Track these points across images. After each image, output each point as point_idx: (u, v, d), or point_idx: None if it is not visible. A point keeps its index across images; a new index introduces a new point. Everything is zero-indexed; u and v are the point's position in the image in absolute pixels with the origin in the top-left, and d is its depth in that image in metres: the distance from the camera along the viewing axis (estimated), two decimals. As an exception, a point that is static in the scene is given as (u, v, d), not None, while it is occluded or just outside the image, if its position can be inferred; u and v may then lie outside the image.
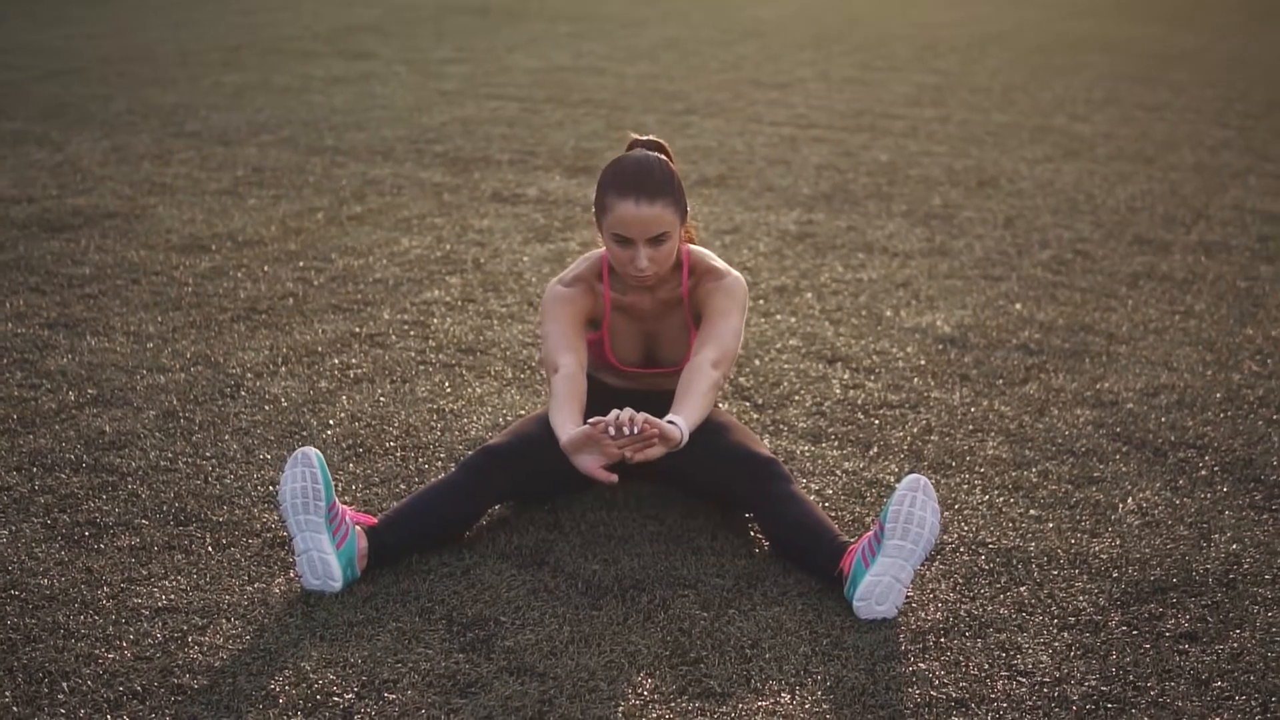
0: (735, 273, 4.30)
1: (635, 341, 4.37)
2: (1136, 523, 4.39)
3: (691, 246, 4.35)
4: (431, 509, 4.02)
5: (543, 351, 4.20)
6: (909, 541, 3.72)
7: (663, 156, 4.20)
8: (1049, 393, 5.44)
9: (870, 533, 3.84)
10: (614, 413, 3.79)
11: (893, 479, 4.64)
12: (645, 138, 4.31)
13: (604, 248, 4.30)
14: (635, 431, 3.75)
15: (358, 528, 3.89)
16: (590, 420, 3.80)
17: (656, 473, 4.41)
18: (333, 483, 3.98)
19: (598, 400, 4.35)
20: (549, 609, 3.76)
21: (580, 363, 4.13)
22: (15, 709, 3.24)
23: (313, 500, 3.77)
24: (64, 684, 3.34)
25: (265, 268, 6.73)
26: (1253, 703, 3.45)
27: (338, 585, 3.79)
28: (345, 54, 13.78)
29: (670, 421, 3.88)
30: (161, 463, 4.58)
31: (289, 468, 3.82)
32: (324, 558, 3.77)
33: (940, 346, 5.93)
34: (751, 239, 7.59)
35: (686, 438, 3.89)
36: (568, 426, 3.90)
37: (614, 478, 3.81)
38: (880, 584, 3.71)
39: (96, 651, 3.49)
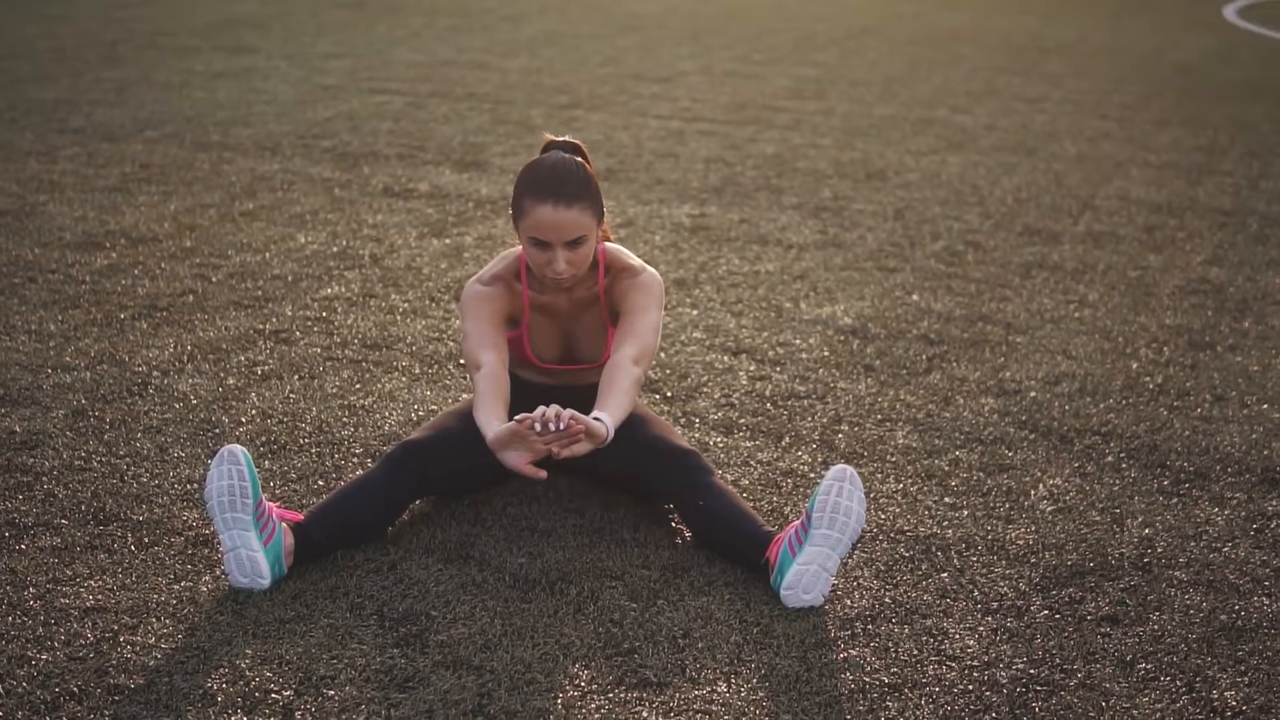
0: (651, 269, 4.33)
1: (553, 339, 4.38)
2: (1049, 509, 4.47)
3: (607, 244, 4.36)
4: (355, 505, 4.02)
5: (464, 350, 4.20)
6: (836, 531, 3.77)
7: (579, 159, 4.20)
8: (952, 382, 5.52)
9: (797, 522, 3.89)
10: (540, 409, 3.79)
11: (807, 469, 4.70)
12: (561, 139, 4.30)
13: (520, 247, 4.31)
14: (561, 428, 3.76)
15: (284, 524, 3.87)
16: (516, 417, 3.80)
17: (576, 466, 4.43)
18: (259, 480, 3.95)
19: (519, 397, 4.35)
20: (479, 602, 3.77)
21: (502, 360, 4.13)
22: (-52, 714, 3.20)
23: (240, 498, 3.75)
24: (-4, 687, 3.30)
25: (162, 265, 6.66)
26: (1178, 683, 3.54)
27: (266, 582, 3.78)
28: (225, 49, 13.64)
29: (596, 418, 3.89)
30: (75, 462, 4.53)
31: (215, 465, 3.79)
32: (252, 555, 3.75)
33: (842, 338, 6.00)
34: (646, 232, 7.62)
35: (612, 433, 3.91)
36: (493, 423, 3.90)
37: (542, 474, 3.83)
38: (807, 573, 3.76)
39: (28, 653, 3.45)
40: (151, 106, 10.58)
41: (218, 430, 4.82)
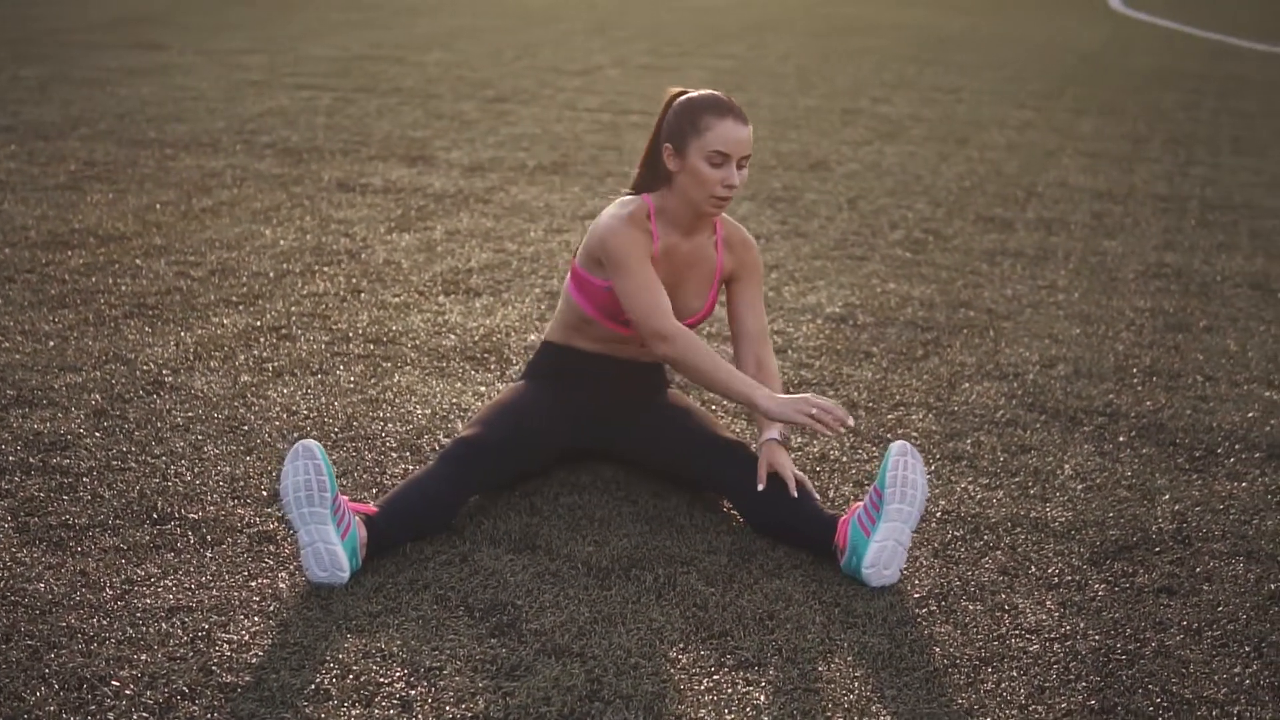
0: (751, 238, 4.48)
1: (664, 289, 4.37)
2: (1080, 487, 4.59)
3: None
4: (422, 501, 4.04)
5: (637, 308, 4.16)
6: (906, 504, 3.87)
7: None
8: (953, 367, 5.64)
9: (861, 503, 3.97)
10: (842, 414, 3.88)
11: (838, 454, 4.78)
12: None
13: (626, 195, 4.34)
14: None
15: (357, 518, 3.89)
16: (812, 414, 3.87)
17: (623, 457, 4.51)
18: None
19: (571, 367, 4.42)
20: (561, 591, 3.81)
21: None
22: (64, 716, 3.18)
23: (317, 492, 3.76)
24: (105, 689, 3.29)
25: (138, 262, 6.61)
26: (1246, 648, 3.67)
27: (345, 576, 3.79)
28: (135, 45, 13.49)
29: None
30: (113, 462, 4.50)
31: (290, 461, 3.80)
32: (331, 549, 3.76)
33: (834, 325, 6.10)
34: (611, 224, 7.66)
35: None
36: (756, 391, 4.01)
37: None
38: (886, 549, 3.85)
39: (125, 654, 3.43)
40: (79, 104, 10.45)
41: (246, 427, 4.81)
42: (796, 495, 4.07)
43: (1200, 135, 10.87)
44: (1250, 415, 5.24)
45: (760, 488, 4.09)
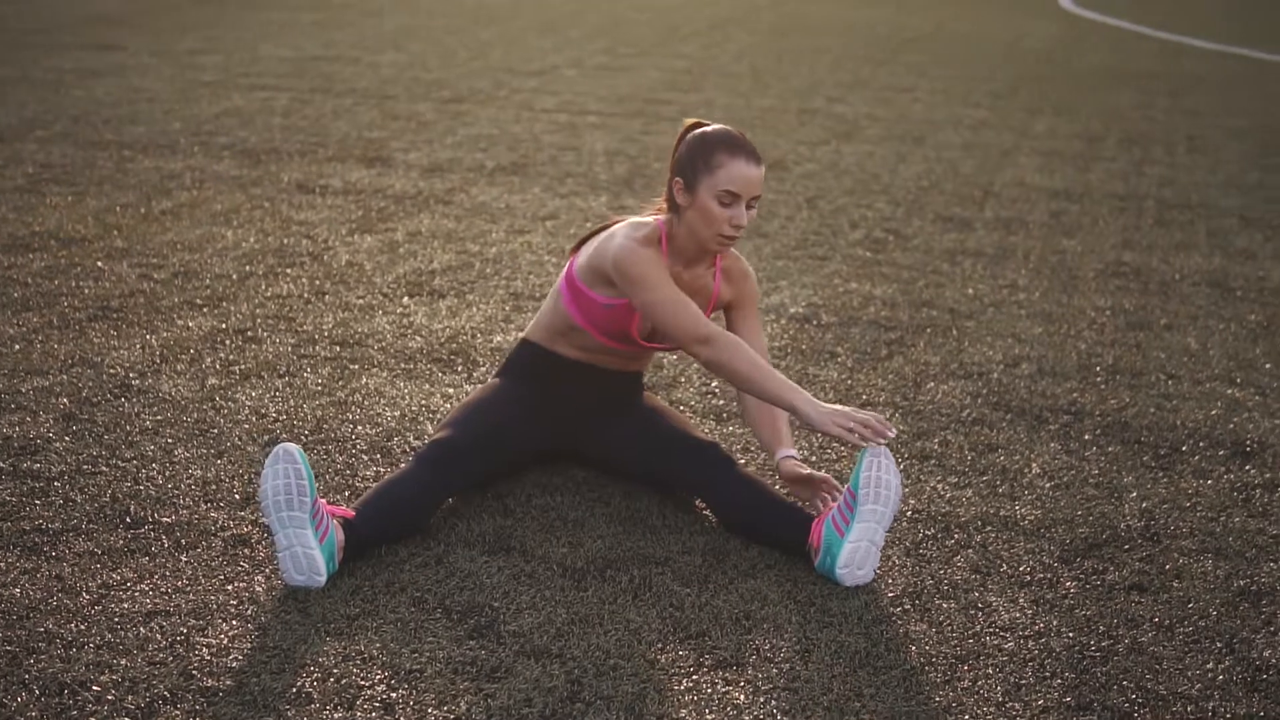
0: (749, 266, 4.46)
1: None
2: (1048, 486, 4.64)
3: None
4: (398, 504, 4.05)
5: (672, 317, 4.11)
6: (880, 505, 3.89)
7: None
8: (917, 367, 5.67)
9: (835, 504, 4.00)
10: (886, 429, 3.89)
11: (807, 453, 4.81)
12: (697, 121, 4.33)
13: (640, 218, 4.33)
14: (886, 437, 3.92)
15: (335, 521, 3.90)
16: (854, 431, 3.88)
17: (595, 459, 4.52)
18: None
19: (552, 373, 4.42)
20: (537, 593, 3.82)
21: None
22: (46, 721, 3.18)
23: (297, 496, 3.76)
24: (85, 694, 3.28)
25: (100, 265, 6.58)
26: (1218, 644, 3.71)
27: (322, 580, 3.80)
28: (90, 46, 13.41)
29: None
30: (83, 466, 4.49)
31: (269, 464, 3.80)
32: (309, 553, 3.76)
33: (797, 325, 6.13)
34: (573, 225, 7.69)
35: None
36: (795, 395, 3.98)
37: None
38: (859, 550, 3.88)
39: (105, 659, 3.43)
40: (34, 105, 10.39)
41: (216, 430, 4.80)
42: (828, 498, 4.15)
43: (1155, 134, 10.96)
44: (1213, 413, 5.30)
45: (792, 498, 4.13)
